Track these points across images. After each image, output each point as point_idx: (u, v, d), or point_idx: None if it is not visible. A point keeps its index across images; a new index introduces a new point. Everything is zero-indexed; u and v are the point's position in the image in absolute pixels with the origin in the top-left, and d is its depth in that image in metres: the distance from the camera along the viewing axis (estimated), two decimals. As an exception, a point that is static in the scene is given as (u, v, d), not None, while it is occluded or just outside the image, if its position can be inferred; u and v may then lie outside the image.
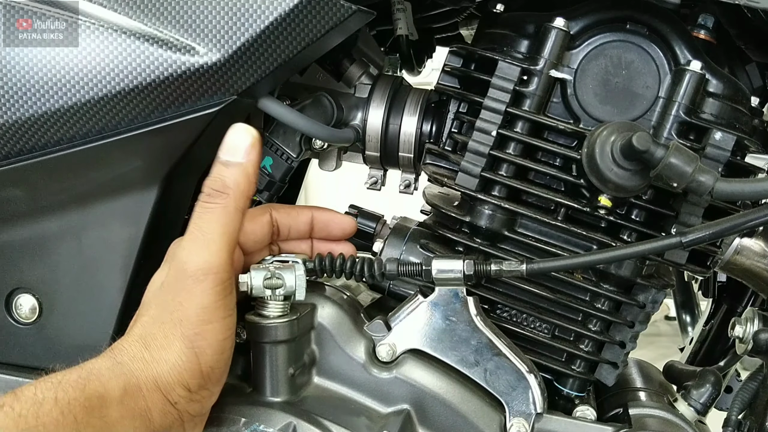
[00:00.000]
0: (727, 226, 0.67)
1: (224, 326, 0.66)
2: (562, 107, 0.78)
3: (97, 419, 0.57)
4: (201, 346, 0.64)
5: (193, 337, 0.64)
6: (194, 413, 0.66)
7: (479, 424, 0.74)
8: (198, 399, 0.65)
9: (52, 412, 0.55)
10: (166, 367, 0.63)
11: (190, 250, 0.66)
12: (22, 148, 0.74)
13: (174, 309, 0.65)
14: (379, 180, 0.95)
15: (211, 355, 0.65)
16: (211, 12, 0.70)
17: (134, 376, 0.62)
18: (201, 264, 0.65)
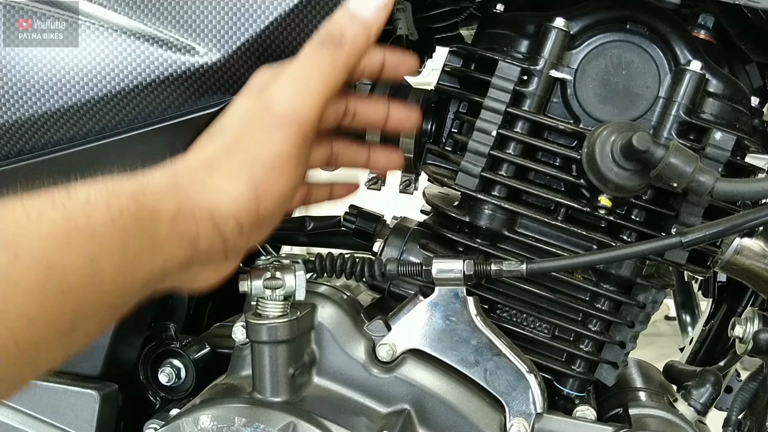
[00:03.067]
0: (727, 226, 0.67)
1: (293, 176, 0.63)
2: (562, 107, 0.78)
3: (146, 234, 0.55)
4: (265, 191, 0.62)
5: (261, 180, 0.61)
6: (239, 248, 0.64)
7: (479, 424, 0.74)
8: (246, 236, 0.63)
9: (104, 217, 0.53)
10: (226, 200, 0.61)
11: (285, 92, 0.63)
12: (22, 148, 0.74)
13: (249, 146, 0.62)
14: (379, 180, 0.95)
15: (272, 201, 0.62)
16: (211, 12, 0.70)
17: (190, 198, 0.59)
18: (291, 110, 0.62)
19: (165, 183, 0.59)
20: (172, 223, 0.57)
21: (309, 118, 0.63)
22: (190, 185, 0.60)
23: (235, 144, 0.63)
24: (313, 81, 0.63)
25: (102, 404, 0.83)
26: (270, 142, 0.62)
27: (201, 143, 0.65)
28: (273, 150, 0.62)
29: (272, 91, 0.63)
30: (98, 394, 0.82)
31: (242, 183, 0.61)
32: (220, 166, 0.62)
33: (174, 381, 0.90)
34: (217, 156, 0.62)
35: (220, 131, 0.65)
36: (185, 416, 0.71)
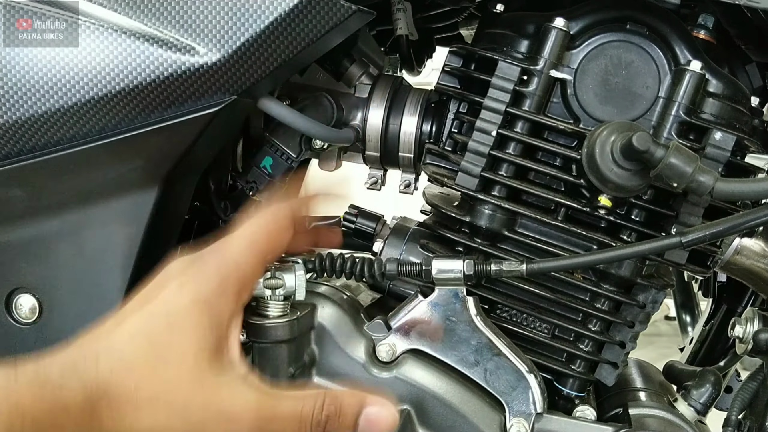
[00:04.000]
0: (727, 226, 0.67)
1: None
2: (562, 107, 0.78)
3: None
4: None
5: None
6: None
7: (479, 424, 0.74)
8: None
9: (3, 418, 0.52)
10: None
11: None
12: (22, 148, 0.74)
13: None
14: (379, 180, 0.95)
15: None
16: (211, 12, 0.70)
17: (101, 428, 0.57)
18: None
19: (79, 405, 0.56)
20: (76, 423, 0.56)
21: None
22: (107, 414, 0.57)
23: (164, 351, 0.60)
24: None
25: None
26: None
27: (127, 332, 0.61)
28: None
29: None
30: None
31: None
32: (147, 401, 0.58)
33: (174, 381, 0.89)
34: (146, 376, 0.59)
35: (150, 325, 0.61)
36: (185, 416, 0.71)
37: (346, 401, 0.62)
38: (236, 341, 0.63)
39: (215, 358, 0.61)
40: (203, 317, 0.61)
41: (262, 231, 0.66)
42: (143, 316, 0.61)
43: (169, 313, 0.60)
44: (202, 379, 0.60)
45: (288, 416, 0.60)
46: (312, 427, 0.60)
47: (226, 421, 0.59)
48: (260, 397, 0.61)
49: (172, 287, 0.62)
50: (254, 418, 0.60)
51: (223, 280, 0.62)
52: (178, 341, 0.60)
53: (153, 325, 0.60)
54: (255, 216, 0.67)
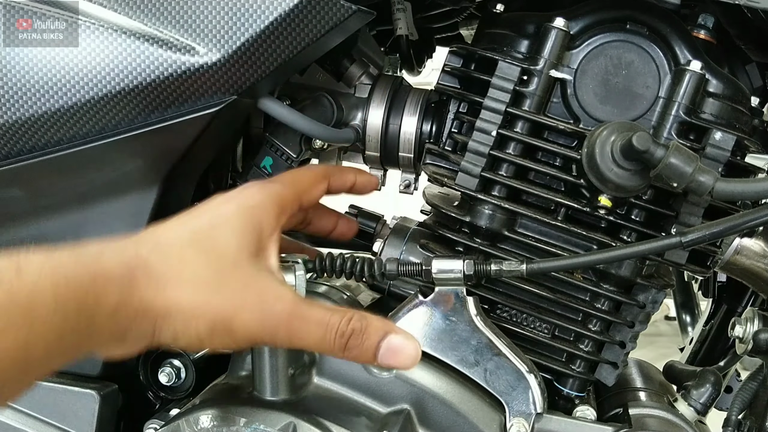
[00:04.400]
0: (727, 226, 0.67)
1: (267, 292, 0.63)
2: (562, 107, 0.78)
3: (85, 323, 0.54)
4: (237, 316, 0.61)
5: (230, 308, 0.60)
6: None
7: (479, 424, 0.74)
8: (200, 344, 0.62)
9: (47, 303, 0.52)
10: (181, 319, 0.59)
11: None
12: (22, 148, 0.74)
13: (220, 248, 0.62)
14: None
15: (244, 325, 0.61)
16: (211, 12, 0.70)
17: (138, 297, 0.57)
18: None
19: (118, 272, 0.57)
20: (111, 316, 0.56)
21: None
22: (146, 284, 0.58)
23: (206, 242, 0.62)
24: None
25: (102, 404, 0.83)
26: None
27: (170, 227, 0.63)
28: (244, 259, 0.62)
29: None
30: (98, 394, 0.82)
31: (207, 318, 0.60)
32: (188, 278, 0.60)
33: (174, 381, 0.89)
34: (187, 258, 0.60)
35: (194, 223, 0.64)
36: (185, 416, 0.71)
37: (373, 323, 0.63)
38: (275, 254, 0.66)
39: (255, 259, 0.63)
40: (245, 222, 0.63)
41: (302, 175, 0.73)
42: (188, 215, 0.64)
43: (213, 214, 0.64)
44: (242, 267, 0.62)
45: (317, 320, 0.62)
46: (336, 336, 0.61)
47: (262, 306, 0.61)
48: (295, 297, 0.63)
49: (218, 199, 0.66)
50: (288, 312, 0.61)
51: (265, 198, 0.66)
52: (221, 237, 0.62)
53: (196, 223, 0.63)
54: (296, 168, 0.76)
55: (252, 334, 0.61)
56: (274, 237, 0.66)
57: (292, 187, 0.70)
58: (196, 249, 0.61)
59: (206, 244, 0.62)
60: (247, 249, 0.63)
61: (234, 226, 0.63)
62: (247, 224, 0.64)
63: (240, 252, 0.62)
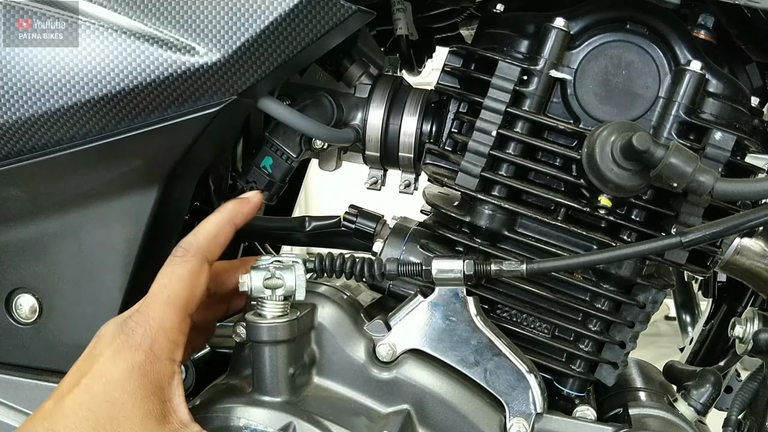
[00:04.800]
0: (727, 226, 0.67)
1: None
2: (562, 107, 0.78)
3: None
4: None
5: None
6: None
7: (479, 424, 0.74)
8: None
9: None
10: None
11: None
12: (22, 148, 0.74)
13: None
14: (379, 180, 0.95)
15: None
16: (211, 12, 0.70)
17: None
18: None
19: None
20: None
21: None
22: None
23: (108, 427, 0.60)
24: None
25: (102, 404, 0.83)
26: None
27: (69, 411, 0.61)
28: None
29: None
30: (98, 394, 0.82)
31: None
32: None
33: (174, 381, 0.89)
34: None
35: (90, 400, 0.61)
36: (185, 416, 0.71)
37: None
38: (182, 402, 0.64)
39: (163, 422, 0.61)
40: (139, 386, 0.61)
41: (176, 286, 0.66)
42: (81, 391, 0.61)
43: (106, 385, 0.61)
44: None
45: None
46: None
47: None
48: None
49: (105, 357, 0.62)
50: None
51: (151, 347, 0.63)
52: (121, 414, 0.60)
53: (93, 400, 0.60)
54: (164, 271, 0.67)
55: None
56: (175, 381, 0.64)
57: (173, 313, 0.65)
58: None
59: (109, 427, 0.59)
60: (152, 417, 0.61)
61: (129, 396, 0.61)
62: (141, 389, 0.61)
63: (146, 425, 0.60)
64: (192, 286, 0.67)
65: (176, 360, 0.64)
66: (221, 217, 0.72)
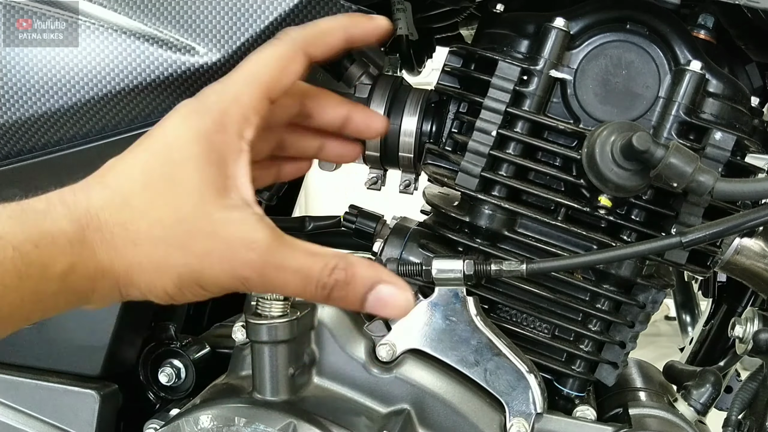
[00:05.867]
0: (727, 226, 0.67)
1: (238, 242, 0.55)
2: (562, 107, 0.78)
3: (30, 290, 0.50)
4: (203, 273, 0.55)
5: (196, 266, 0.54)
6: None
7: (479, 424, 0.74)
8: (170, 299, 0.57)
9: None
10: (145, 280, 0.54)
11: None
12: (22, 148, 0.74)
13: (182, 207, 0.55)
14: (379, 180, 0.95)
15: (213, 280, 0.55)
16: (211, 12, 0.70)
17: (95, 258, 0.52)
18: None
19: (67, 234, 0.51)
20: (63, 279, 0.51)
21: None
22: (100, 245, 0.53)
23: (162, 184, 0.55)
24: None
25: (102, 404, 0.83)
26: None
27: (122, 169, 0.57)
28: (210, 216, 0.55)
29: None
30: (98, 394, 0.82)
31: (172, 275, 0.54)
32: (145, 235, 0.54)
33: (174, 381, 0.90)
34: (142, 209, 0.54)
35: (146, 159, 0.57)
36: (185, 416, 0.71)
37: (359, 272, 0.56)
38: (246, 180, 0.58)
39: (221, 194, 0.56)
40: (203, 153, 0.56)
41: (264, 64, 0.61)
42: (142, 149, 0.57)
43: (168, 145, 0.56)
44: (207, 211, 0.55)
45: (295, 269, 0.55)
46: (317, 288, 0.55)
47: (231, 256, 0.54)
48: (272, 241, 0.55)
49: (172, 121, 0.58)
50: (261, 261, 0.55)
51: (222, 115, 0.58)
52: (179, 174, 0.55)
53: (151, 159, 0.56)
54: (259, 48, 0.63)
55: (223, 286, 0.56)
56: (242, 159, 0.58)
57: (252, 88, 0.59)
58: (152, 194, 0.55)
59: (162, 186, 0.55)
60: (211, 186, 0.56)
61: (190, 158, 0.55)
62: (204, 154, 0.56)
63: (202, 193, 0.55)
64: (279, 69, 0.61)
65: (245, 138, 0.58)
66: (336, 18, 0.67)
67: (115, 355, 0.85)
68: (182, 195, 0.55)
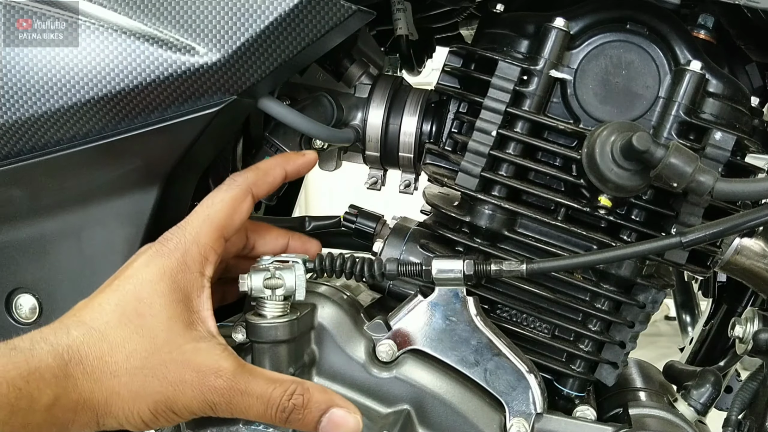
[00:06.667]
0: (727, 226, 0.67)
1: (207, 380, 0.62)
2: (562, 107, 0.78)
3: (19, 421, 0.54)
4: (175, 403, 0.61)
5: (169, 398, 0.61)
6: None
7: (479, 424, 0.74)
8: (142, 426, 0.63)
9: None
10: (123, 411, 0.60)
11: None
12: (22, 148, 0.74)
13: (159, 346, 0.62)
14: (379, 180, 0.95)
15: (185, 406, 0.62)
16: (211, 12, 0.70)
17: (77, 392, 0.58)
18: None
19: (51, 369, 0.57)
20: (48, 410, 0.56)
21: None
22: (81, 377, 0.58)
23: (135, 320, 0.61)
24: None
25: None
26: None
27: (95, 307, 0.63)
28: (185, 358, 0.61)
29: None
30: (98, 394, 0.82)
31: (148, 402, 0.60)
32: (123, 365, 0.60)
33: (174, 381, 0.89)
34: (118, 342, 0.60)
35: (118, 298, 0.63)
36: (185, 416, 0.71)
37: (315, 397, 0.63)
38: (210, 316, 0.65)
39: (189, 327, 0.63)
40: (169, 291, 0.63)
41: (218, 208, 0.69)
42: (111, 290, 0.63)
43: (136, 285, 0.63)
44: (178, 343, 0.62)
45: (257, 394, 0.62)
46: (277, 411, 0.62)
47: (201, 383, 0.61)
48: (236, 368, 0.62)
49: (138, 264, 0.64)
50: (228, 387, 0.61)
51: (183, 256, 0.65)
52: (149, 310, 0.62)
53: (122, 298, 0.62)
54: (210, 194, 0.70)
55: (194, 411, 0.62)
56: (204, 295, 0.66)
57: (209, 231, 0.67)
58: (127, 329, 0.61)
59: (136, 322, 0.61)
60: (179, 320, 0.63)
61: (158, 296, 0.62)
62: (170, 293, 0.63)
63: (171, 328, 0.62)
64: (232, 210, 0.69)
65: (206, 275, 0.66)
66: (274, 159, 0.76)
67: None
68: (154, 328, 0.62)
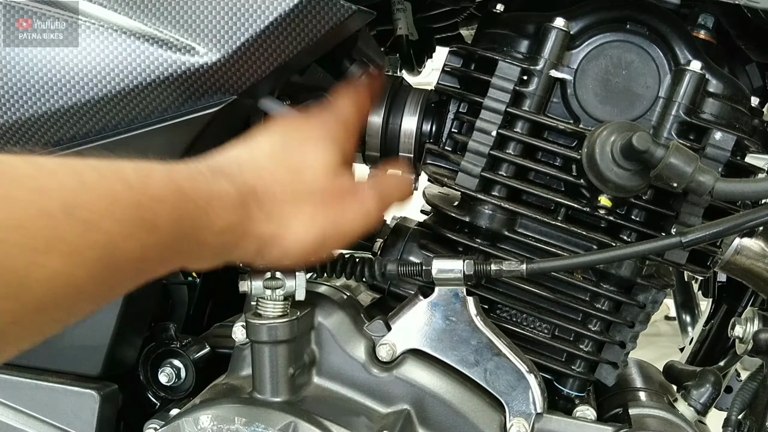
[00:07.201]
0: (727, 226, 0.67)
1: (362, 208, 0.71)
2: (562, 107, 0.78)
3: (195, 239, 0.57)
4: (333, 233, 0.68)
5: (330, 227, 0.67)
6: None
7: (479, 424, 0.74)
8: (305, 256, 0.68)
9: (168, 214, 0.53)
10: (291, 239, 0.65)
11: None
12: (22, 148, 0.74)
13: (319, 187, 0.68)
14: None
15: (339, 238, 0.69)
16: (211, 12, 0.70)
17: (249, 222, 0.62)
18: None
19: (232, 197, 0.60)
20: (218, 235, 0.59)
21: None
22: (257, 212, 0.62)
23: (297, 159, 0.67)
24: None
25: (102, 404, 0.83)
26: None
27: (253, 152, 0.67)
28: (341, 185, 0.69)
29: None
30: (98, 394, 0.82)
31: (317, 231, 0.66)
32: (291, 198, 0.65)
33: (174, 381, 0.90)
34: (285, 178, 0.65)
35: (270, 143, 0.68)
36: (185, 416, 0.71)
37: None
38: (353, 175, 0.73)
39: (342, 172, 0.70)
40: (328, 140, 0.70)
41: (355, 97, 0.78)
42: (278, 134, 0.69)
43: (301, 133, 0.70)
44: (335, 181, 0.68)
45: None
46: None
47: (360, 207, 0.69)
48: (373, 193, 0.73)
49: (301, 118, 0.73)
50: (378, 207, 0.72)
51: (342, 121, 0.74)
52: (311, 155, 0.68)
53: (287, 143, 0.68)
54: (344, 89, 0.79)
55: (358, 234, 0.69)
56: (350, 158, 0.74)
57: (355, 110, 0.77)
58: (293, 172, 0.66)
59: (300, 165, 0.67)
60: (335, 164, 0.69)
61: (319, 144, 0.69)
62: (329, 142, 0.70)
63: (329, 168, 0.68)
64: (364, 106, 0.81)
65: (352, 145, 0.76)
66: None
67: (116, 355, 0.85)
68: (316, 170, 0.68)
